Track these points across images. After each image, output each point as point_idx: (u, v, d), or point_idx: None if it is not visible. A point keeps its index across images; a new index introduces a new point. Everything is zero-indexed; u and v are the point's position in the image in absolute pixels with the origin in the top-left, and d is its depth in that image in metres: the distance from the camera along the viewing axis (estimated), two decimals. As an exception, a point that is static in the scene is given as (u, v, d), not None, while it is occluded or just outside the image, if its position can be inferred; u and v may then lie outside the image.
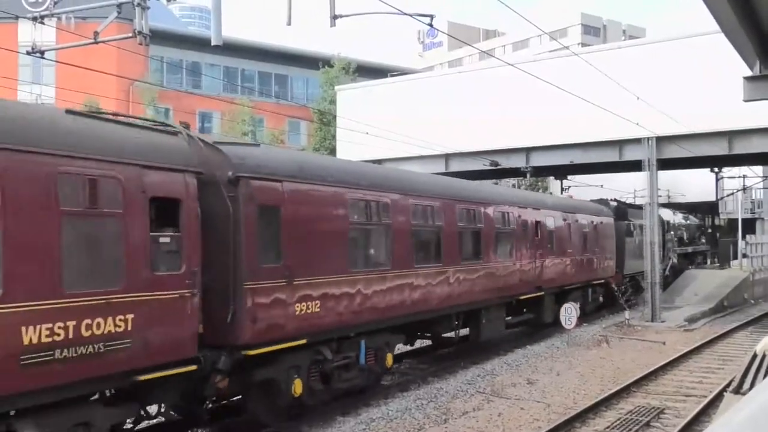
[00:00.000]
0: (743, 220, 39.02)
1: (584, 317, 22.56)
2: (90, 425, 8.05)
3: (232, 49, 46.68)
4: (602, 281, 25.52)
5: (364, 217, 12.82)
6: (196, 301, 9.17)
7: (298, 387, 10.91)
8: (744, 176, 40.97)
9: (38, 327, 7.25)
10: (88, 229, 8.08)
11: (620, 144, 28.28)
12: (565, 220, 22.29)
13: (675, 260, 35.19)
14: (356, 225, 12.57)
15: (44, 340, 7.30)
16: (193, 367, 9.10)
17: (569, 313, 20.36)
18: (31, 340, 7.18)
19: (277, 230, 10.58)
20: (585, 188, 35.57)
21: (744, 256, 33.74)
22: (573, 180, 37.09)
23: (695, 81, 25.43)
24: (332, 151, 41.34)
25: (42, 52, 15.67)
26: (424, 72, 57.88)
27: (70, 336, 7.55)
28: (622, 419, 11.60)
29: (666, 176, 34.85)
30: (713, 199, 43.42)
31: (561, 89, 20.18)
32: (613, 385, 14.10)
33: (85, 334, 7.72)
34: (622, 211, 28.76)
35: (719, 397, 12.09)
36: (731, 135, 26.58)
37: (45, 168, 7.47)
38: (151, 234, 8.70)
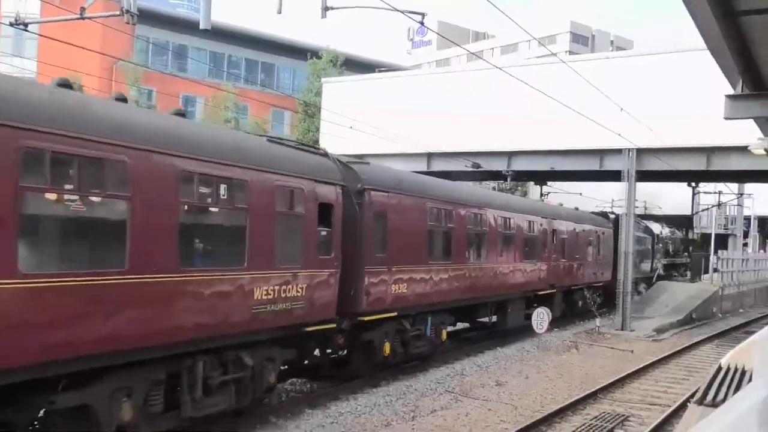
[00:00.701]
0: (716, 235, 39.51)
1: (587, 314, 24.66)
2: (273, 360, 11.34)
3: (220, 34, 46.37)
4: (601, 284, 28.10)
5: (436, 221, 16.17)
6: (338, 278, 12.39)
7: (387, 348, 14.29)
8: (720, 192, 41.50)
9: (262, 288, 10.50)
10: (286, 224, 11.29)
11: (601, 153, 28.54)
12: (574, 229, 25.69)
13: (661, 270, 38.76)
14: (431, 227, 15.96)
15: (264, 297, 10.53)
16: (333, 326, 12.45)
17: (541, 317, 20.54)
18: (259, 296, 10.42)
19: (384, 229, 14.06)
20: (563, 195, 35.83)
21: (715, 270, 34.19)
22: (552, 186, 37.33)
23: (678, 96, 25.72)
24: (315, 143, 41.26)
25: (26, 25, 15.49)
26: (411, 69, 57.98)
27: (275, 297, 10.80)
28: (588, 424, 11.74)
29: (644, 188, 35.24)
30: (689, 212, 43.95)
31: (547, 95, 20.32)
32: (580, 390, 14.25)
33: (282, 296, 10.95)
34: (619, 222, 29.81)
35: (683, 407, 12.26)
36: (710, 151, 26.93)
37: (271, 183, 10.81)
38: (318, 229, 11.90)
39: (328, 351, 13.83)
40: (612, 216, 31.16)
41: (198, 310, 9.39)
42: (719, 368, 11.51)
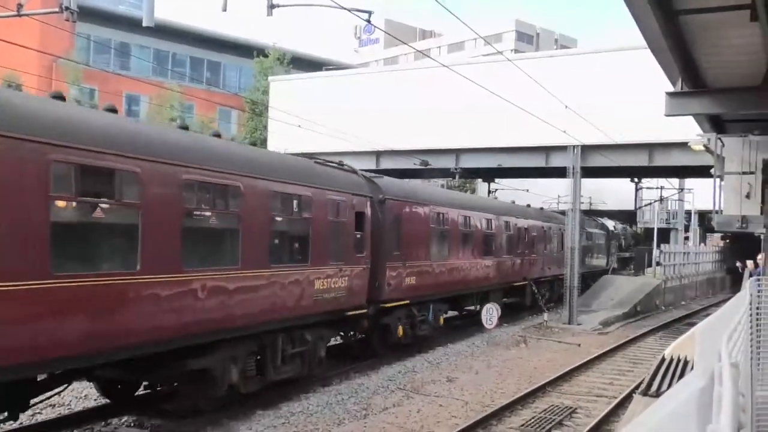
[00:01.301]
0: (659, 229, 40.52)
1: (558, 302, 26.06)
2: (323, 338, 14.09)
3: (163, 31, 45.60)
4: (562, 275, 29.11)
5: (436, 223, 19.09)
6: (368, 272, 15.28)
7: (400, 331, 17.07)
8: (662, 187, 42.55)
9: (319, 281, 13.32)
10: (335, 229, 14.04)
11: (547, 150, 28.98)
12: (542, 227, 28.57)
13: (615, 264, 41.36)
14: (433, 229, 18.92)
15: (320, 287, 13.36)
16: (365, 311, 15.29)
17: (490, 313, 20.76)
18: (318, 286, 13.25)
19: (399, 231, 16.99)
20: (511, 192, 36.27)
21: (658, 264, 35.05)
22: (500, 183, 37.74)
23: (621, 93, 26.28)
24: (263, 142, 40.91)
25: (-40, 22, 14.97)
26: (359, 68, 57.93)
27: (328, 287, 13.60)
28: (537, 417, 11.92)
29: (589, 184, 35.92)
30: (632, 208, 44.95)
31: (493, 93, 20.53)
32: (529, 384, 14.45)
33: (332, 286, 13.77)
34: (580, 221, 30.90)
35: (629, 398, 12.56)
36: (652, 147, 27.59)
37: (325, 198, 13.70)
38: (354, 232, 14.75)
39: (351, 333, 16.65)
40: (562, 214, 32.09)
41: (280, 297, 12.17)
42: (662, 360, 11.84)
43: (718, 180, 18.62)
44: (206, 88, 50.52)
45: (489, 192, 37.62)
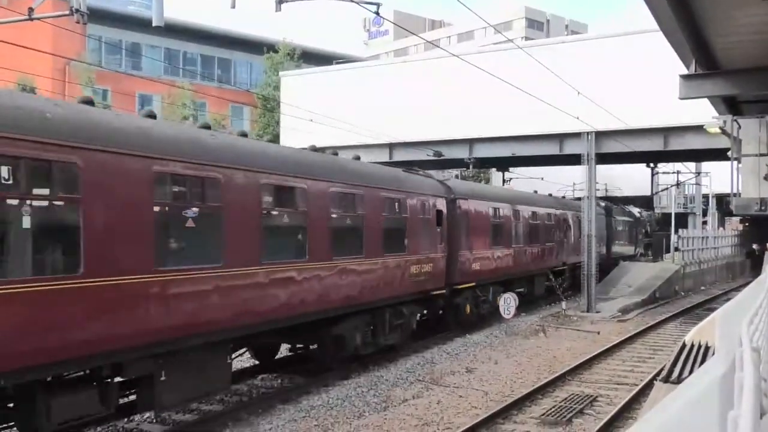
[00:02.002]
0: (676, 214, 40.21)
1: (553, 297, 26.61)
2: (414, 313, 17.07)
3: (173, 30, 45.70)
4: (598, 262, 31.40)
5: (494, 217, 21.96)
6: (446, 259, 18.16)
7: (468, 309, 19.87)
8: (678, 172, 42.22)
9: (413, 266, 16.31)
10: (423, 225, 16.99)
11: (561, 138, 28.82)
12: (576, 216, 29.74)
13: (642, 250, 42.56)
14: (493, 221, 21.79)
15: (414, 272, 16.36)
16: (444, 291, 18.16)
17: (508, 303, 20.70)
18: (412, 271, 16.31)
19: (467, 224, 19.74)
20: (526, 180, 36.12)
21: (676, 249, 34.78)
22: (514, 172, 37.59)
23: (634, 78, 26.06)
24: (275, 138, 40.96)
25: (-28, 28, 15.07)
26: (369, 60, 57.83)
27: (419, 271, 16.66)
28: (557, 406, 11.87)
29: (604, 170, 35.72)
30: (648, 193, 44.65)
31: (504, 82, 20.43)
32: (548, 373, 14.40)
33: (422, 271, 16.72)
34: (609, 209, 35.90)
35: (650, 385, 12.46)
36: (667, 132, 27.36)
37: (417, 199, 16.73)
38: (436, 227, 17.59)
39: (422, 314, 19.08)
40: (603, 204, 35.26)
41: (388, 280, 15.28)
42: (683, 346, 11.75)
43: (735, 162, 18.43)
44: (218, 86, 50.65)
45: (504, 181, 37.50)
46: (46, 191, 8.01)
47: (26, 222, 7.60)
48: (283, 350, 15.92)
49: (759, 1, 10.10)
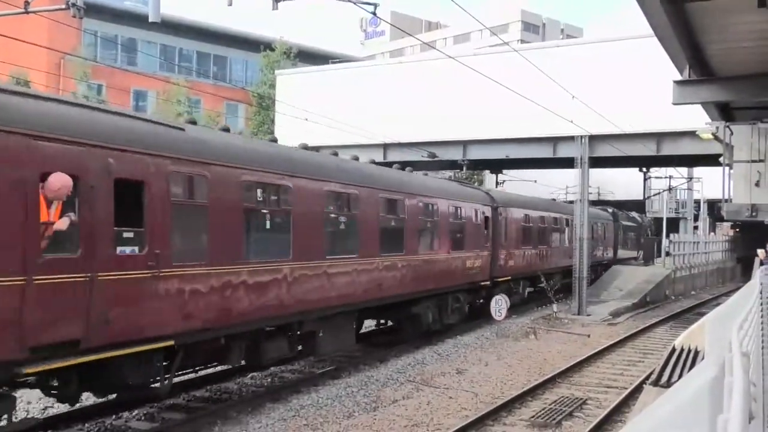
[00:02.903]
0: (668, 219, 40.36)
1: (545, 300, 27.09)
2: (466, 300, 20.38)
3: (170, 26, 45.58)
4: (607, 261, 35.73)
5: (525, 222, 25.03)
6: (489, 257, 21.42)
7: None
8: (670, 177, 42.37)
9: (468, 261, 19.79)
10: (475, 228, 20.45)
11: (554, 141, 28.89)
12: (595, 222, 32.82)
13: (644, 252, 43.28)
14: (523, 225, 24.93)
15: (468, 266, 19.84)
16: (488, 283, 21.45)
17: (499, 305, 20.74)
18: (467, 265, 19.82)
19: (506, 227, 22.94)
20: (519, 183, 36.21)
21: (667, 254, 34.90)
22: (507, 174, 37.65)
23: (628, 82, 26.13)
24: (270, 135, 40.89)
25: (-33, 20, 15.01)
26: (365, 60, 57.83)
27: (472, 265, 19.97)
28: (547, 409, 11.90)
29: (596, 174, 35.83)
30: (640, 198, 44.80)
31: (499, 84, 20.46)
32: (539, 376, 14.43)
33: (473, 265, 20.03)
34: (616, 214, 38.95)
35: (639, 389, 12.52)
36: (660, 137, 27.47)
37: (472, 207, 20.34)
38: (484, 230, 21.05)
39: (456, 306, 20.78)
40: (610, 210, 38.61)
41: (452, 271, 18.97)
42: (673, 350, 11.80)
43: (727, 168, 18.51)
44: (213, 83, 50.56)
45: (497, 183, 37.55)
46: (276, 207, 12.11)
47: (267, 225, 11.98)
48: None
49: (754, 9, 10.16)
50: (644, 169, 41.00)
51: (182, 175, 9.74)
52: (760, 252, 20.06)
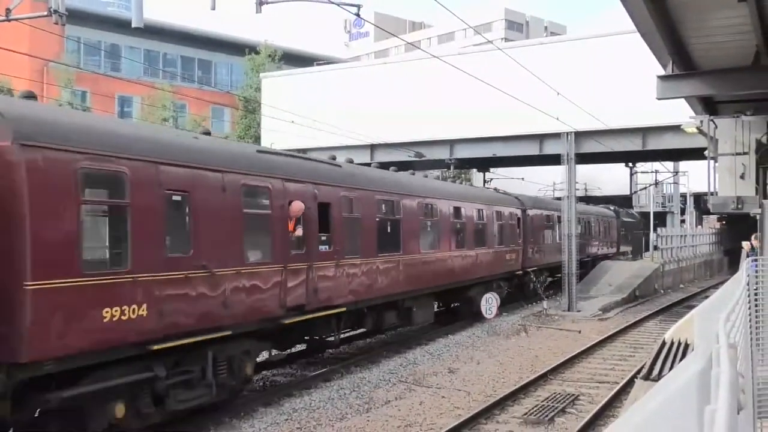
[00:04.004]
0: (655, 213, 40.57)
1: (535, 297, 27.99)
2: (503, 286, 24.12)
3: (153, 32, 45.44)
4: (613, 253, 39.06)
5: (546, 221, 28.62)
6: (520, 251, 25.07)
7: (530, 285, 26.06)
8: (656, 171, 42.61)
9: (506, 255, 24.07)
10: (509, 227, 24.41)
11: (541, 138, 28.99)
12: (599, 221, 37.17)
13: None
14: (546, 224, 28.62)
15: (507, 258, 24.14)
16: (520, 272, 25.37)
17: (489, 303, 20.79)
18: (506, 258, 24.20)
19: (532, 227, 26.55)
20: (506, 181, 36.29)
21: (655, 248, 35.09)
22: (495, 172, 37.73)
23: (612, 78, 26.25)
24: (257, 139, 40.80)
25: (-52, 29, 14.89)
26: (350, 62, 57.78)
27: (508, 258, 24.25)
28: (540, 405, 11.94)
29: (583, 170, 35.98)
30: (627, 193, 45.03)
31: (484, 83, 20.51)
32: (530, 373, 14.47)
33: (509, 258, 24.37)
34: (617, 212, 41.56)
35: (631, 383, 12.58)
36: (645, 131, 27.61)
37: (508, 211, 24.59)
38: (516, 229, 24.98)
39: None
40: (612, 208, 41.23)
41: (496, 263, 23.07)
42: (663, 343, 11.87)
43: (712, 162, 18.64)
44: (198, 87, 50.41)
45: (484, 182, 37.62)
46: (392, 216, 16.53)
47: (388, 229, 16.35)
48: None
49: (733, 4, 10.24)
50: (630, 164, 41.21)
51: (347, 198, 14.44)
52: (745, 244, 20.22)
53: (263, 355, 13.61)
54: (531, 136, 29.07)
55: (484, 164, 36.44)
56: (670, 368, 10.18)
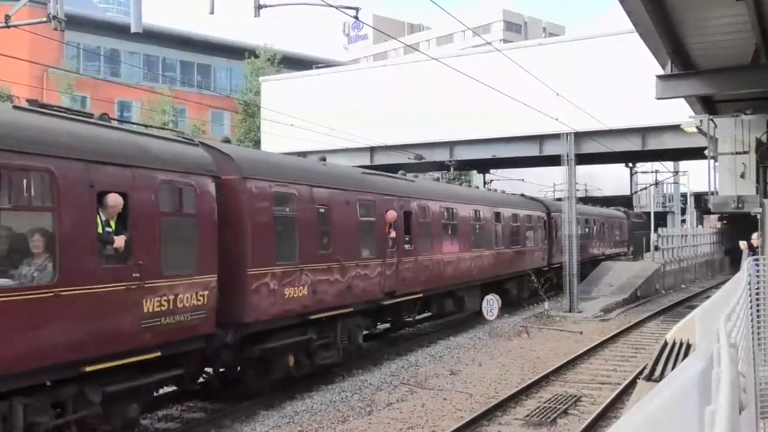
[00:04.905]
0: (655, 213, 40.55)
1: (536, 298, 28.34)
2: (533, 280, 25.68)
3: (152, 36, 45.47)
4: (623, 253, 40.77)
5: (586, 223, 32.69)
6: (548, 250, 28.47)
7: (554, 280, 27.46)
8: (656, 171, 42.59)
9: (534, 252, 27.31)
10: (537, 229, 27.63)
11: (540, 139, 28.98)
12: (611, 222, 39.85)
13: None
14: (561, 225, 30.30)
15: (536, 255, 27.59)
16: (546, 268, 27.94)
17: (491, 304, 20.76)
18: (535, 256, 27.43)
19: (555, 228, 28.90)
20: (506, 182, 36.28)
21: (656, 248, 35.06)
22: (495, 174, 37.73)
23: (611, 79, 26.24)
24: (256, 143, 40.82)
25: (-52, 36, 14.89)
26: (349, 65, 57.81)
27: (537, 257, 27.43)
28: (542, 407, 11.92)
29: (583, 170, 35.98)
30: (628, 193, 45.01)
31: (484, 84, 20.50)
32: (532, 374, 14.45)
33: (537, 256, 27.44)
34: (628, 213, 43.82)
35: (633, 384, 12.55)
36: (645, 131, 27.59)
37: (536, 215, 27.82)
38: (543, 230, 28.35)
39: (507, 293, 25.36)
40: (623, 209, 43.42)
41: (526, 259, 25.86)
42: (665, 344, 11.83)
43: (712, 161, 18.62)
44: (198, 92, 50.44)
45: (485, 183, 37.62)
46: (452, 220, 20.03)
47: (449, 231, 19.81)
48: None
49: (731, 2, 10.23)
50: (630, 165, 41.20)
51: (420, 206, 17.84)
52: (742, 244, 20.19)
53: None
54: (531, 137, 29.06)
55: (485, 166, 36.44)
56: (672, 368, 10.15)
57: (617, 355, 17.11)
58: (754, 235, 18.45)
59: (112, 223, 8.70)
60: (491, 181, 38.01)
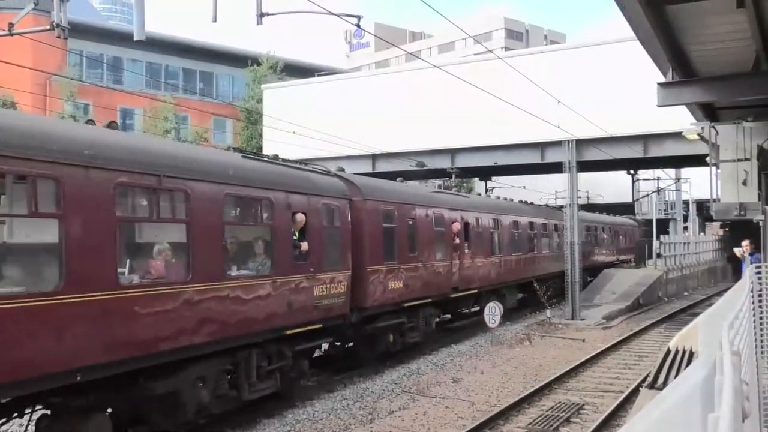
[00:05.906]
0: (657, 220, 40.49)
1: (538, 305, 28.45)
2: (558, 282, 26.53)
3: (155, 44, 45.61)
4: (631, 258, 40.24)
5: (588, 230, 33.01)
6: (561, 255, 26.94)
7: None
8: (658, 178, 42.53)
9: (544, 260, 28.39)
10: (551, 236, 29.50)
11: (542, 146, 28.97)
12: (625, 230, 43.11)
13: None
14: (587, 233, 32.00)
15: (548, 263, 28.56)
16: (563, 272, 26.14)
17: (493, 312, 20.71)
18: (550, 261, 28.54)
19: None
20: (508, 189, 36.27)
21: (658, 255, 35.00)
22: (497, 181, 37.73)
23: (613, 86, 26.25)
24: (259, 150, 40.83)
25: (-49, 44, 14.94)
26: (351, 72, 57.92)
27: (550, 263, 28.33)
28: (544, 415, 11.88)
29: (585, 178, 35.94)
30: (629, 200, 44.94)
31: (485, 92, 20.52)
32: (535, 382, 14.41)
33: (552, 263, 28.30)
34: (639, 222, 45.77)
35: (636, 392, 12.51)
36: (646, 139, 27.58)
37: (553, 222, 29.48)
38: (556, 237, 30.00)
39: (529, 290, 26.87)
40: (634, 218, 45.49)
41: (543, 263, 27.67)
42: (668, 352, 11.79)
43: (714, 168, 18.59)
44: (200, 99, 50.53)
45: (486, 190, 37.61)
46: (495, 229, 23.33)
47: (495, 238, 23.27)
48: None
49: (732, 10, 10.25)
50: (632, 172, 41.16)
51: (474, 217, 21.27)
52: (737, 250, 20.17)
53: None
54: (532, 144, 29.06)
55: (486, 173, 36.44)
56: (675, 377, 10.11)
57: (620, 363, 17.06)
58: (744, 243, 18.51)
59: (297, 233, 12.38)
60: (493, 188, 37.99)
